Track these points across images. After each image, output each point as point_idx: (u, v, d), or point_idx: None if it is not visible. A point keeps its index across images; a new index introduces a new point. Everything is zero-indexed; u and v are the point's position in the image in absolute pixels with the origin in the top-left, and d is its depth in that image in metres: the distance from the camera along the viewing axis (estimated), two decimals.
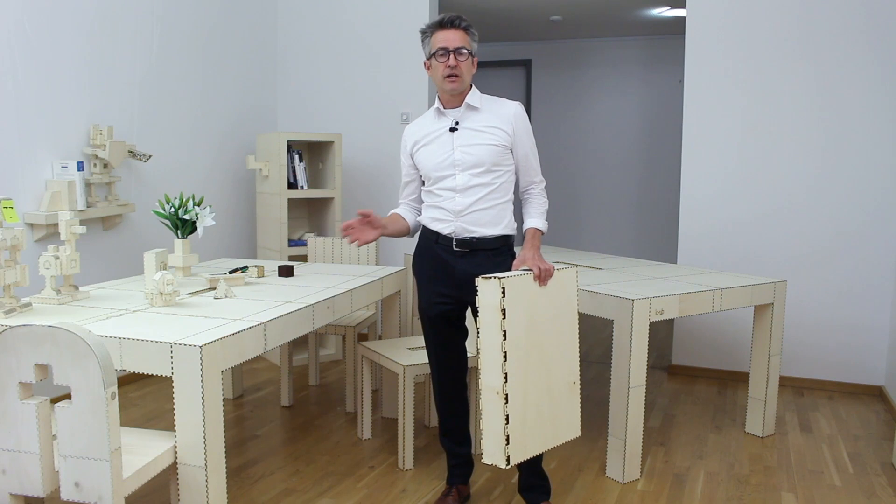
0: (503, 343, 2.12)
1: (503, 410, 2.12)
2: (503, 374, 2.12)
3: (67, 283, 2.68)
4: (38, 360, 1.80)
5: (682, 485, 2.93)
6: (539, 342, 2.23)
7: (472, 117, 2.46)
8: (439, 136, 2.48)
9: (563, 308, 2.32)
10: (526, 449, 2.19)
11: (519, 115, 2.47)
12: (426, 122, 2.56)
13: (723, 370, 4.40)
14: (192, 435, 2.03)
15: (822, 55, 4.04)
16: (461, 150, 2.44)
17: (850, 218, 4.08)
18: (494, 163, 2.44)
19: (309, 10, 5.14)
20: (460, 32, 2.41)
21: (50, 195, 3.48)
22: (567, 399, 2.31)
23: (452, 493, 2.69)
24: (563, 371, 2.31)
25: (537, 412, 2.22)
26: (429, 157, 2.50)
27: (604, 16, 6.09)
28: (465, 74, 2.42)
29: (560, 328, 2.30)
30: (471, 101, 2.46)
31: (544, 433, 2.25)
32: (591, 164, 7.20)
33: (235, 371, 3.94)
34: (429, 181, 2.53)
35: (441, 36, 2.41)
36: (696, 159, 4.32)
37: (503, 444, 2.13)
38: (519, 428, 2.16)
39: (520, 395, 2.17)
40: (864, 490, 2.90)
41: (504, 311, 2.12)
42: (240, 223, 4.98)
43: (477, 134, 2.44)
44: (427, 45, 2.46)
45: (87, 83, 3.74)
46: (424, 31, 2.47)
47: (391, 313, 3.55)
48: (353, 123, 5.09)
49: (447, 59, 2.39)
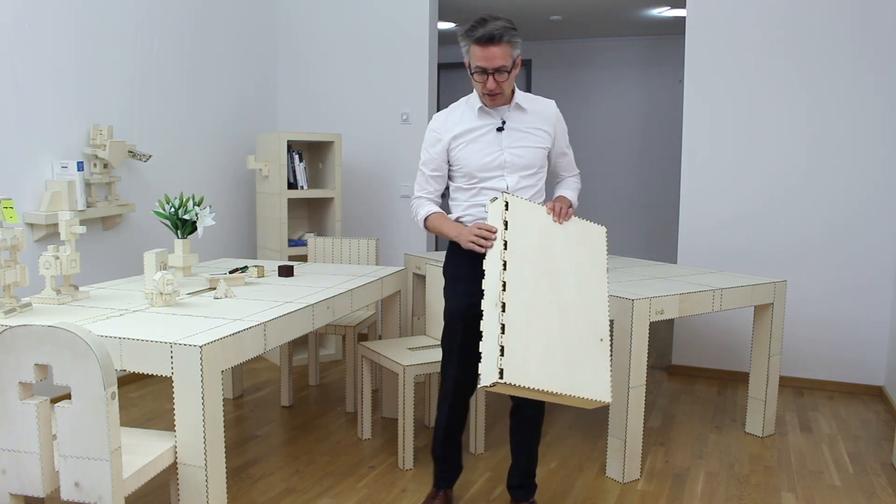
0: (503, 252, 2.12)
1: (499, 319, 2.02)
2: (501, 282, 2.08)
3: (67, 283, 2.68)
4: (38, 360, 1.79)
5: (682, 485, 2.93)
6: (554, 278, 2.16)
7: (519, 117, 2.41)
8: (484, 135, 2.39)
9: (589, 261, 2.26)
10: (528, 374, 1.98)
11: (559, 116, 2.48)
12: (465, 118, 2.42)
13: (723, 370, 4.40)
14: (192, 435, 2.03)
15: (821, 54, 4.04)
16: (510, 152, 2.39)
17: (850, 217, 4.08)
18: (540, 165, 2.45)
19: (309, 10, 5.14)
20: (500, 48, 2.22)
21: (50, 195, 3.48)
22: (591, 353, 2.12)
23: (440, 496, 2.64)
24: (586, 321, 2.16)
25: (546, 345, 2.05)
26: (473, 155, 2.39)
27: (604, 16, 6.09)
28: (506, 90, 2.33)
29: (584, 280, 2.22)
30: (521, 102, 2.40)
31: (556, 372, 2.03)
32: (591, 163, 7.20)
33: (235, 371, 3.94)
34: (467, 179, 2.43)
35: (479, 53, 2.24)
36: (696, 158, 4.32)
37: (497, 356, 1.98)
38: (519, 346, 2.01)
39: (521, 314, 2.06)
40: (864, 490, 2.90)
41: (506, 222, 2.16)
42: (240, 223, 4.98)
43: (525, 135, 2.40)
44: (465, 53, 2.30)
45: (87, 83, 3.74)
46: (461, 39, 2.29)
47: (391, 313, 3.54)
48: (353, 123, 5.09)
49: (486, 79, 2.27)
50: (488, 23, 2.23)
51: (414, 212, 2.56)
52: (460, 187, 2.47)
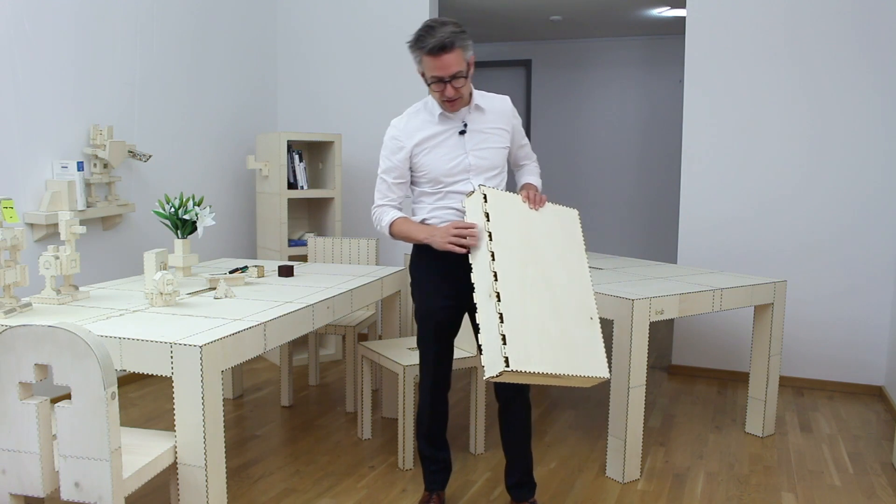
0: (490, 244, 2.15)
1: (496, 309, 2.05)
2: (492, 273, 2.10)
3: (67, 283, 2.68)
4: (38, 360, 1.80)
5: (682, 485, 2.93)
6: (540, 264, 2.20)
7: (479, 118, 2.41)
8: (447, 139, 2.38)
9: (568, 244, 2.31)
10: (530, 359, 2.01)
11: (514, 111, 2.51)
12: (425, 124, 2.40)
13: (723, 370, 4.40)
14: (192, 435, 2.03)
15: (821, 54, 4.04)
16: (474, 155, 2.39)
17: (851, 217, 4.07)
18: (503, 166, 2.48)
19: (309, 10, 5.14)
20: (453, 54, 2.20)
21: (50, 195, 3.48)
22: (584, 332, 2.18)
23: (433, 498, 2.65)
24: (575, 302, 2.21)
25: (542, 329, 2.09)
26: (437, 161, 2.38)
27: (604, 16, 6.09)
28: (465, 94, 2.33)
29: (567, 262, 2.27)
30: (479, 103, 2.41)
31: (555, 354, 2.07)
32: (591, 163, 7.20)
33: (235, 371, 3.94)
34: (433, 184, 2.42)
35: (432, 63, 2.22)
36: (696, 159, 4.32)
37: (500, 345, 1.99)
38: (519, 333, 2.03)
39: (516, 302, 2.09)
40: (864, 490, 2.90)
41: (487, 214, 2.19)
42: (240, 223, 4.98)
43: (487, 137, 2.41)
44: (418, 64, 2.28)
45: (87, 83, 3.74)
46: (412, 50, 2.26)
47: (391, 313, 3.55)
48: (353, 123, 5.09)
49: (443, 88, 2.26)
50: (436, 30, 2.20)
51: (376, 220, 2.51)
52: (425, 192, 2.46)
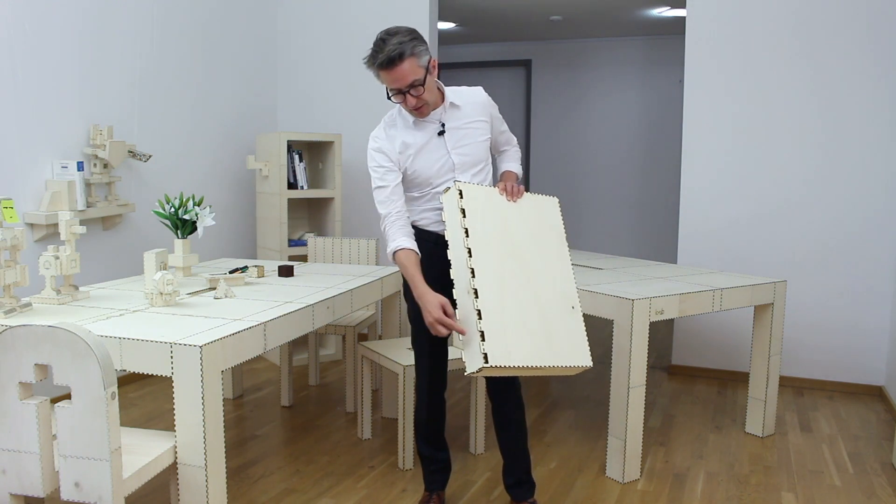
0: (465, 240, 2.15)
1: (474, 305, 2.06)
2: (469, 269, 2.11)
3: (67, 283, 2.68)
4: (38, 360, 1.80)
5: (682, 485, 2.93)
6: (518, 257, 2.21)
7: (456, 115, 2.41)
8: (428, 143, 2.38)
9: (548, 234, 2.31)
10: (510, 354, 2.03)
11: (489, 100, 2.50)
12: (403, 132, 2.39)
13: (723, 370, 4.40)
14: (192, 435, 2.03)
15: (822, 54, 4.04)
16: (457, 153, 2.40)
17: (851, 217, 4.08)
18: (487, 159, 2.48)
19: (309, 10, 5.14)
20: (406, 64, 2.18)
21: (50, 195, 3.48)
22: (566, 322, 2.18)
23: (434, 498, 2.65)
24: (556, 292, 2.22)
25: (522, 322, 2.10)
26: (422, 165, 2.38)
27: (604, 16, 6.09)
28: (429, 98, 2.31)
29: (547, 253, 2.27)
30: (453, 100, 2.40)
31: (536, 346, 2.08)
32: (592, 163, 7.20)
33: (235, 371, 3.94)
34: (422, 187, 2.43)
35: (387, 77, 2.22)
36: (696, 159, 4.32)
37: (478, 342, 2.00)
38: (498, 329, 2.04)
39: (494, 297, 2.09)
40: (864, 490, 2.90)
41: (463, 210, 2.20)
42: (240, 223, 4.98)
43: (466, 132, 2.41)
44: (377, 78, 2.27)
45: (87, 83, 3.74)
46: (367, 67, 2.26)
47: (391, 313, 3.55)
48: (353, 123, 5.09)
49: (404, 98, 2.26)
50: (386, 44, 2.19)
51: (387, 237, 2.41)
52: (412, 196, 2.47)
